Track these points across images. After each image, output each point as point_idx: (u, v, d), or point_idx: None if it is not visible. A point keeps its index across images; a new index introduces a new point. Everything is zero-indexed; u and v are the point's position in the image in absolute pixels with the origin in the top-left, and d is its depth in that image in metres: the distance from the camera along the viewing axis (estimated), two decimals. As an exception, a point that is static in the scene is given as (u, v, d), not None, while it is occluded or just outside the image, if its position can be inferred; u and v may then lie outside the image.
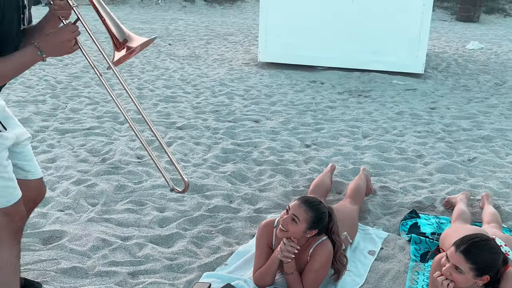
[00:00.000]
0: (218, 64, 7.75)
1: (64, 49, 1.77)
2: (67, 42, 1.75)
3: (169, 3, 15.11)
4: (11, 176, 1.86)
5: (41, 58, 1.73)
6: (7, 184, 1.84)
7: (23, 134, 2.00)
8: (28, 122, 4.62)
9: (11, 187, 1.86)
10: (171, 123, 4.84)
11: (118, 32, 1.83)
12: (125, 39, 1.82)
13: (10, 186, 1.85)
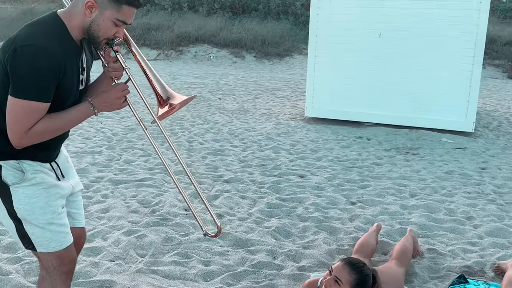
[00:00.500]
0: (265, 118, 7.94)
1: (114, 106, 1.99)
2: (117, 99, 1.97)
3: (220, 59, 15.73)
4: (65, 222, 2.03)
5: (93, 113, 1.94)
6: (60, 229, 2.00)
7: (78, 185, 2.20)
8: (84, 172, 4.88)
9: (64, 232, 2.02)
10: (218, 176, 4.98)
11: (162, 90, 2.04)
12: (168, 97, 2.04)
13: (63, 231, 2.01)
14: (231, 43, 16.21)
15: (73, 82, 1.91)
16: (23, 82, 1.76)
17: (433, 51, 7.11)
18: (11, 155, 1.91)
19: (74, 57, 1.90)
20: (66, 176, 2.10)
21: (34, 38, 1.78)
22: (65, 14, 1.89)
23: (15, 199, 1.92)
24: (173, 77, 12.19)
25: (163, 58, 15.78)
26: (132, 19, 1.93)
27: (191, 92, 10.05)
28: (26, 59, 1.74)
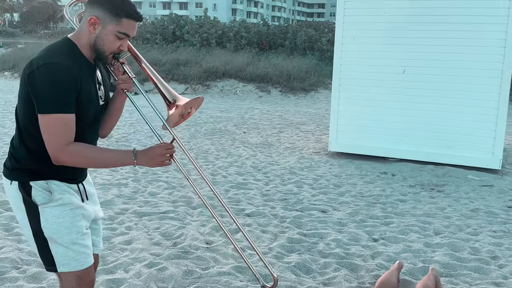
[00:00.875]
0: (289, 152, 7.99)
1: (155, 162, 2.09)
2: (159, 157, 2.08)
3: (246, 93, 15.97)
4: (88, 244, 2.11)
5: (133, 163, 2.05)
6: (83, 250, 2.08)
7: (99, 212, 2.30)
8: (110, 204, 4.98)
9: (86, 253, 2.10)
10: (240, 209, 5.01)
11: (168, 95, 2.19)
12: (174, 99, 2.17)
13: (85, 252, 2.09)
14: (257, 78, 16.48)
15: (91, 96, 2.04)
16: (46, 98, 1.89)
17: (458, 87, 7.10)
18: (41, 175, 2.02)
19: (88, 72, 2.03)
20: (90, 200, 2.21)
21: (49, 57, 1.93)
22: (74, 36, 2.05)
23: (43, 219, 2.02)
24: (200, 111, 12.40)
25: (191, 92, 16.12)
26: (134, 31, 2.05)
27: (217, 125, 10.21)
28: (44, 77, 1.88)
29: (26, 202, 2.03)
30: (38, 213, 2.02)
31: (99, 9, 1.97)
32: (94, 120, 2.11)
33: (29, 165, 2.02)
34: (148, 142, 8.30)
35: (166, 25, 23.06)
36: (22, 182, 2.02)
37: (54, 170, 2.02)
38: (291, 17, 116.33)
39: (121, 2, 1.98)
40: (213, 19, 24.60)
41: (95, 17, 1.97)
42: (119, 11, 1.97)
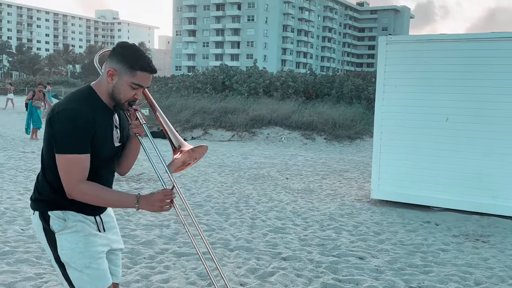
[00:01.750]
0: (330, 199, 7.99)
1: (155, 207, 2.22)
2: (158, 202, 2.20)
3: (291, 140, 16.16)
4: (102, 268, 2.27)
5: (135, 207, 2.20)
6: (96, 273, 2.25)
7: (118, 243, 2.46)
8: (151, 244, 5.17)
9: (99, 277, 2.26)
10: (276, 253, 5.06)
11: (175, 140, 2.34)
12: (179, 145, 2.32)
13: (98, 275, 2.26)
14: (302, 125, 16.68)
15: (106, 138, 2.26)
16: (62, 140, 2.13)
17: (505, 136, 6.96)
18: (59, 206, 2.24)
19: (104, 117, 2.25)
20: (107, 232, 2.39)
21: (68, 103, 2.18)
22: (96, 84, 2.29)
23: (59, 245, 2.23)
24: (244, 157, 12.66)
25: (237, 139, 16.49)
26: (148, 82, 2.27)
27: (260, 171, 10.37)
28: (62, 121, 2.11)
29: (45, 230, 2.25)
30: (55, 240, 2.23)
31: (116, 63, 2.21)
32: (110, 160, 2.32)
33: (49, 197, 2.25)
34: (193, 186, 8.53)
35: (216, 75, 23.94)
36: (42, 212, 2.26)
37: (71, 202, 2.24)
38: (340, 67, 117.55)
39: (137, 57, 2.21)
40: (262, 69, 25.33)
41: (113, 69, 2.20)
42: (134, 65, 2.20)
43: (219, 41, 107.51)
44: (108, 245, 2.38)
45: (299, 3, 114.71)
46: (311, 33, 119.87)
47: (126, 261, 4.64)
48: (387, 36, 7.85)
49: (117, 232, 2.50)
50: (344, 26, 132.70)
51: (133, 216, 6.28)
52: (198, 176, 9.56)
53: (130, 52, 2.22)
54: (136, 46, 2.27)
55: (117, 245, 2.46)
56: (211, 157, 12.42)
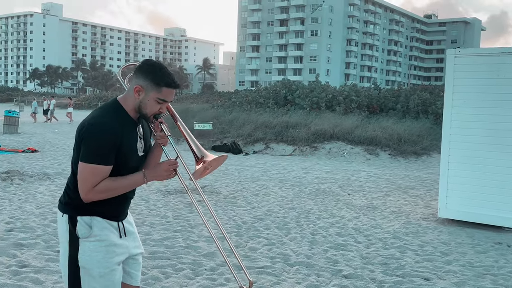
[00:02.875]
0: (394, 216, 7.76)
1: (163, 176, 2.39)
2: (165, 172, 2.38)
3: (354, 156, 15.90)
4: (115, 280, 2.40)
5: (144, 182, 2.37)
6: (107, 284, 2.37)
7: (136, 249, 2.57)
8: (212, 256, 5.25)
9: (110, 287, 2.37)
10: (337, 270, 4.97)
11: (197, 151, 2.45)
12: (202, 156, 2.43)
13: (109, 286, 2.37)
14: (365, 141, 16.38)
15: (131, 148, 2.39)
16: (88, 150, 2.28)
17: None
18: (86, 211, 2.37)
19: (130, 129, 2.39)
20: (128, 237, 2.50)
21: (96, 117, 2.33)
22: (122, 98, 2.43)
23: (81, 250, 2.36)
24: (305, 171, 12.60)
25: (298, 154, 16.44)
26: (172, 97, 2.40)
27: (321, 186, 10.27)
28: (91, 134, 2.27)
29: (71, 233, 2.38)
30: (79, 244, 2.36)
31: (143, 79, 2.34)
32: (134, 169, 2.43)
33: (78, 202, 2.37)
34: (254, 200, 8.60)
35: (278, 90, 24.09)
36: (70, 216, 2.39)
37: (98, 208, 2.37)
38: (406, 81, 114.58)
39: (162, 74, 2.34)
40: (325, 83, 25.21)
41: (140, 86, 2.34)
42: (160, 82, 2.33)
43: (282, 56, 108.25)
44: (127, 252, 2.49)
45: (364, 17, 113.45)
46: (375, 47, 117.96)
47: (188, 272, 4.74)
48: (455, 49, 7.59)
49: (136, 237, 2.61)
50: (411, 39, 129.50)
51: (196, 228, 6.42)
52: (259, 190, 9.62)
53: (156, 69, 2.35)
54: (161, 64, 2.41)
55: (136, 250, 2.57)
56: (272, 171, 12.47)
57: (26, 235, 5.67)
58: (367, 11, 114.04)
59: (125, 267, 2.54)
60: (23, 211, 6.92)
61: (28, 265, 4.68)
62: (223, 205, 7.97)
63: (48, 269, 4.59)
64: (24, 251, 5.09)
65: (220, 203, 8.12)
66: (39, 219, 6.49)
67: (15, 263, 4.71)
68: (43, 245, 5.35)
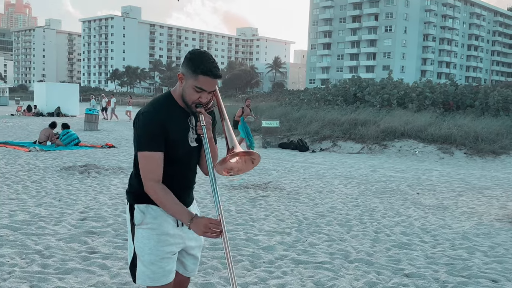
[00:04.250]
0: (466, 217, 7.40)
1: (199, 232, 2.35)
2: (204, 228, 2.33)
3: (426, 154, 15.31)
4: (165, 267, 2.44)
5: (187, 224, 2.36)
6: (158, 271, 2.43)
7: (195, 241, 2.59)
8: (271, 249, 5.29)
9: (160, 274, 2.43)
10: (399, 269, 4.83)
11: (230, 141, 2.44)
12: (233, 146, 2.41)
13: (159, 273, 2.44)
14: (439, 139, 15.72)
15: (180, 138, 2.44)
16: (140, 139, 2.38)
17: None
18: (143, 199, 2.44)
19: (179, 118, 2.44)
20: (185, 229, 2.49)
21: (148, 107, 2.42)
22: (173, 89, 2.49)
23: (135, 237, 2.46)
24: (373, 170, 12.31)
25: (367, 152, 16.09)
26: (211, 86, 2.36)
27: (389, 185, 10.00)
28: (141, 123, 2.36)
29: (130, 220, 2.48)
30: (134, 231, 2.46)
31: (184, 67, 2.38)
32: (187, 158, 2.47)
33: (136, 191, 2.47)
34: (317, 196, 8.55)
35: (348, 87, 23.71)
36: (130, 204, 2.49)
37: None
38: (487, 77, 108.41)
39: (200, 61, 2.34)
40: (397, 80, 24.47)
41: (182, 73, 2.39)
42: (196, 69, 2.33)
43: (354, 53, 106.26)
44: (183, 243, 2.52)
45: (442, 11, 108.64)
46: (454, 42, 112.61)
47: (247, 263, 4.81)
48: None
49: None
50: (493, 33, 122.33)
51: (257, 222, 6.49)
52: (323, 187, 9.54)
53: (195, 57, 2.36)
54: (204, 52, 2.39)
55: (194, 242, 2.59)
56: (338, 169, 12.31)
57: (97, 224, 6.02)
58: (445, 5, 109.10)
59: (181, 258, 2.59)
60: (97, 201, 7.34)
61: (97, 251, 4.97)
62: (286, 201, 7.99)
63: (115, 255, 4.85)
64: (95, 239, 5.41)
65: (283, 199, 8.15)
66: (111, 209, 6.86)
67: (85, 249, 5.02)
68: (112, 233, 5.65)
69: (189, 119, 2.48)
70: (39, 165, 10.92)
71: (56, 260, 4.63)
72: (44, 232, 5.56)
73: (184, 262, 2.61)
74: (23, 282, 4.03)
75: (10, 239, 5.24)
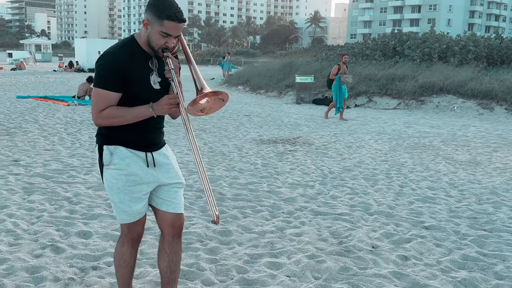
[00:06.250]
0: (498, 172, 7.21)
1: (164, 110, 2.46)
2: (165, 105, 2.44)
3: (465, 110, 14.84)
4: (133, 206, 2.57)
5: (151, 114, 2.45)
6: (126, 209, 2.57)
7: (171, 179, 2.65)
8: (292, 201, 5.35)
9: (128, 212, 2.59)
10: (419, 221, 4.81)
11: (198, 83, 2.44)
12: (201, 88, 2.42)
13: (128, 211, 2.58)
14: (479, 94, 15.15)
15: (142, 80, 2.50)
16: (96, 76, 2.47)
17: None
18: (111, 140, 2.53)
19: (142, 61, 2.50)
20: (157, 168, 2.61)
21: (109, 48, 2.51)
22: (137, 34, 2.54)
23: (104, 177, 2.58)
24: (408, 125, 12.07)
25: (403, 108, 15.74)
26: (176, 31, 2.40)
27: (422, 140, 9.81)
28: (100, 62, 2.45)
29: (100, 162, 2.58)
30: (103, 172, 2.57)
31: (148, 13, 2.41)
32: (150, 100, 2.49)
33: (105, 132, 2.54)
34: (345, 151, 8.49)
35: (387, 41, 22.96)
36: (99, 145, 2.57)
37: (122, 137, 2.52)
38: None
39: (164, 7, 2.36)
40: (439, 33, 23.48)
41: (147, 19, 2.42)
42: (161, 14, 2.36)
43: (398, 5, 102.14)
44: (154, 182, 2.60)
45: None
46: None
47: (266, 213, 4.90)
48: None
49: (170, 169, 2.66)
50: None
51: (282, 175, 6.54)
52: (353, 142, 9.45)
53: (159, 2, 2.38)
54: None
55: (170, 180, 2.65)
56: (371, 124, 12.12)
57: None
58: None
59: (158, 194, 2.65)
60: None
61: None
62: (313, 156, 7.99)
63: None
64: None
65: (311, 154, 8.15)
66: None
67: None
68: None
69: (150, 61, 2.53)
70: (76, 118, 11.28)
71: (83, 206, 4.85)
72: (75, 181, 5.81)
73: (162, 198, 2.66)
74: (50, 226, 4.26)
75: (41, 186, 5.51)
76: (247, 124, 11.54)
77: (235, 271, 3.53)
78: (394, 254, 3.94)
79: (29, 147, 7.81)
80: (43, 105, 13.87)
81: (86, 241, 3.97)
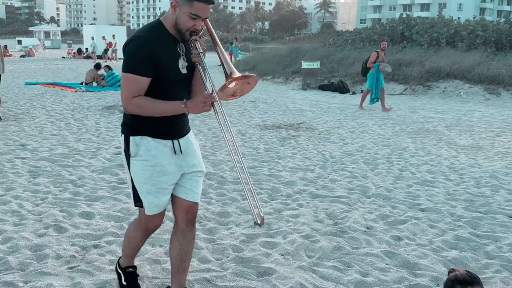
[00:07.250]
0: (499, 157, 7.24)
1: (199, 109, 2.43)
2: (200, 104, 2.42)
3: (471, 95, 14.78)
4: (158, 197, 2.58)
5: (184, 110, 2.45)
6: (152, 200, 2.59)
7: (195, 167, 2.68)
8: (292, 184, 5.44)
9: (154, 204, 2.60)
10: (415, 204, 4.89)
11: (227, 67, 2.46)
12: (231, 72, 2.43)
13: (153, 202, 2.59)
14: (486, 79, 15.07)
15: (170, 64, 2.48)
16: (125, 61, 2.45)
17: None
18: (138, 131, 2.53)
19: (170, 46, 2.48)
20: (184, 157, 2.62)
21: (137, 33, 2.50)
22: (164, 17, 2.51)
23: (131, 168, 2.58)
24: (413, 111, 12.07)
25: (409, 93, 15.70)
26: (206, 13, 2.40)
27: (425, 125, 9.83)
28: (129, 47, 2.43)
29: (126, 152, 2.58)
30: (130, 163, 2.57)
31: None
32: (179, 85, 2.52)
33: (130, 122, 2.54)
34: (348, 136, 8.55)
35: (395, 26, 22.80)
36: (125, 136, 2.57)
37: (148, 127, 2.51)
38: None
39: None
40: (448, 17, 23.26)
41: (175, 1, 2.40)
42: None
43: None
44: (179, 171, 2.61)
45: None
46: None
47: (265, 196, 5.00)
48: None
49: (195, 156, 2.70)
50: None
51: (283, 160, 6.63)
52: (356, 127, 9.50)
53: None
54: None
55: (193, 168, 2.67)
56: (376, 110, 12.13)
57: (130, 158, 6.34)
58: None
59: (180, 182, 2.66)
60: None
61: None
62: (316, 141, 8.06)
63: (142, 186, 5.15)
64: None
65: (313, 139, 8.21)
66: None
67: (116, 180, 5.35)
68: (142, 167, 5.96)
69: (179, 46, 2.52)
70: (83, 105, 11.43)
71: (87, 189, 4.99)
72: (80, 164, 5.95)
73: (183, 186, 2.67)
74: (54, 207, 4.40)
75: (47, 169, 5.65)
76: (252, 110, 11.61)
77: (231, 250, 3.65)
78: (387, 234, 4.03)
79: (36, 132, 7.96)
80: (51, 91, 14.04)
81: (88, 221, 4.10)
